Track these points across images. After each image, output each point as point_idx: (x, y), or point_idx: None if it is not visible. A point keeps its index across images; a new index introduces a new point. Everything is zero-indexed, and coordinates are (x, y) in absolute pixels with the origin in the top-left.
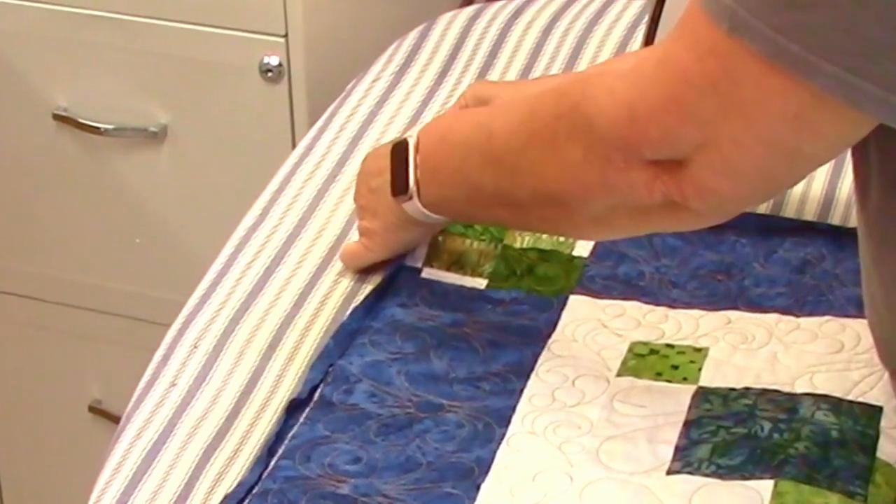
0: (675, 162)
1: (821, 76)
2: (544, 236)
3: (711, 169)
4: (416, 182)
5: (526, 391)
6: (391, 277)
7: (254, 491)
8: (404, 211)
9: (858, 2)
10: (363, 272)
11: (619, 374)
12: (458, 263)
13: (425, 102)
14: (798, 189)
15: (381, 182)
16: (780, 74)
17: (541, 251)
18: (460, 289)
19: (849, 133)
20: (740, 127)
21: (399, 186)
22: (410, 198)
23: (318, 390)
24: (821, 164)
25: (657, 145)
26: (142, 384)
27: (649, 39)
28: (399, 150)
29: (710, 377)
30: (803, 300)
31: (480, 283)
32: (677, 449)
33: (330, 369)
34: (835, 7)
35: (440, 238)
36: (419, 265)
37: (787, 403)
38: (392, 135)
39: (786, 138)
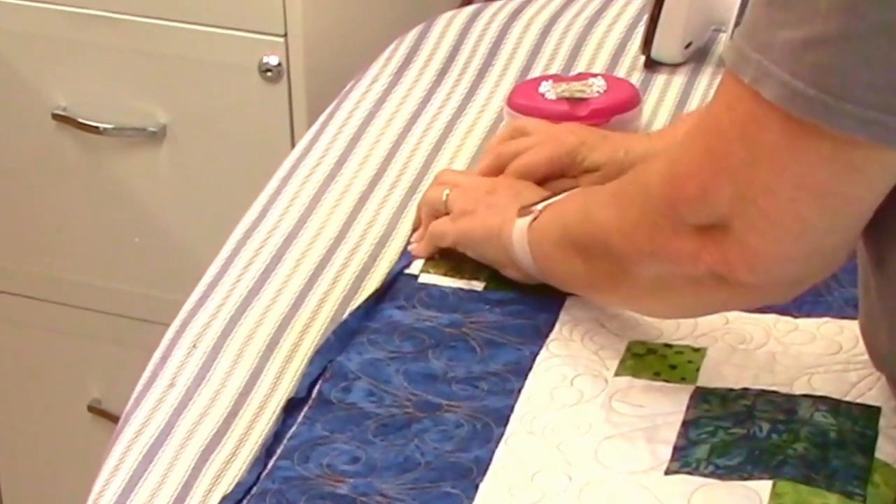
0: (720, 231)
1: (843, 118)
2: None
3: (750, 226)
4: (540, 211)
5: (524, 391)
6: (389, 283)
7: (252, 491)
8: (507, 224)
9: (876, 31)
10: (361, 274)
11: (617, 374)
12: (455, 269)
13: (424, 102)
14: None
15: (516, 191)
16: (800, 120)
17: None
18: (458, 290)
19: (890, 167)
20: (771, 173)
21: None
22: (529, 213)
23: (317, 387)
24: (870, 208)
25: (695, 203)
26: (141, 384)
27: (648, 39)
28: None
29: (709, 377)
30: (801, 301)
31: (478, 284)
32: (676, 449)
33: (329, 365)
34: (849, 40)
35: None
36: (416, 272)
37: (785, 404)
38: (391, 134)
39: (820, 181)
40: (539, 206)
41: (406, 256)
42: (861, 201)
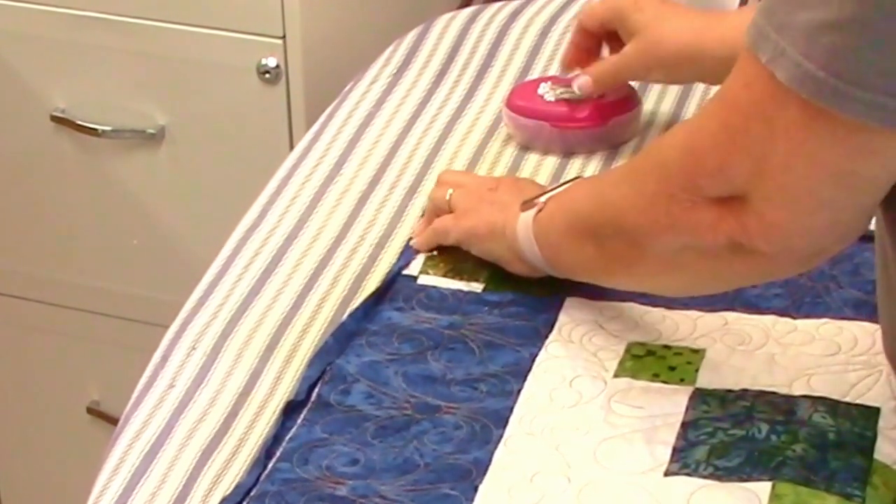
0: (738, 202)
1: (853, 102)
2: None
3: (768, 199)
4: (544, 203)
5: (523, 392)
6: (388, 285)
7: (251, 493)
8: (511, 219)
9: (891, 17)
10: (361, 275)
11: (616, 375)
12: (454, 271)
13: (423, 103)
14: None
15: (519, 188)
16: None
17: None
18: (457, 292)
19: None
20: (788, 150)
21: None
22: (533, 206)
23: (316, 390)
24: (886, 185)
25: (714, 177)
26: (140, 385)
27: None
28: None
29: (708, 379)
30: (800, 302)
31: (477, 286)
32: (675, 450)
33: (328, 368)
34: (864, 26)
35: (435, 251)
36: (415, 273)
37: (784, 405)
38: (391, 135)
39: (836, 159)
40: (542, 199)
41: (405, 257)
42: (876, 179)
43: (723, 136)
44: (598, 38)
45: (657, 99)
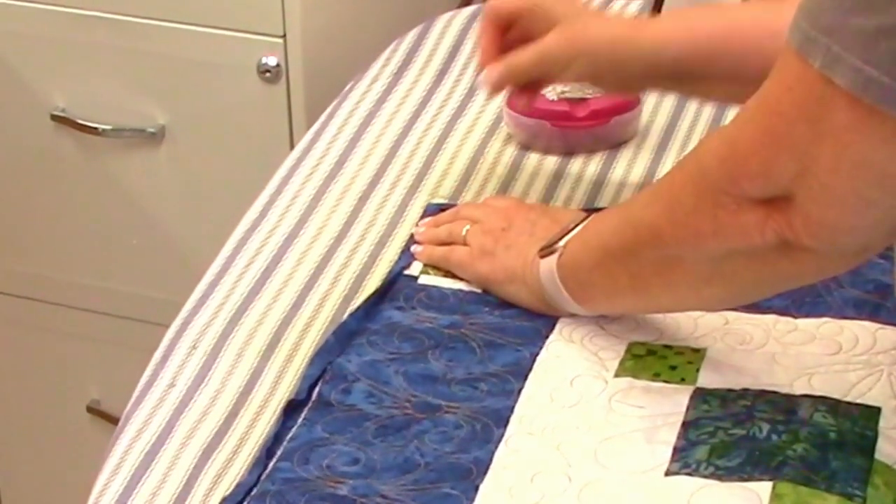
0: (784, 201)
1: None
2: None
3: (813, 199)
4: (564, 247)
5: (524, 392)
6: (389, 284)
7: (252, 493)
8: (529, 266)
9: None
10: (361, 274)
11: (616, 375)
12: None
13: (424, 103)
14: None
15: (531, 223)
16: (870, 105)
17: None
18: (457, 292)
19: None
20: (833, 152)
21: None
22: (552, 252)
23: (316, 389)
24: None
25: (758, 180)
26: (140, 385)
27: None
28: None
29: (708, 378)
30: (801, 301)
31: (478, 286)
32: (675, 450)
33: (328, 367)
34: None
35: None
36: (416, 273)
37: (785, 405)
38: (391, 134)
39: (882, 162)
40: (561, 243)
41: (406, 257)
42: None
43: (766, 139)
44: (504, 32)
45: (657, 99)
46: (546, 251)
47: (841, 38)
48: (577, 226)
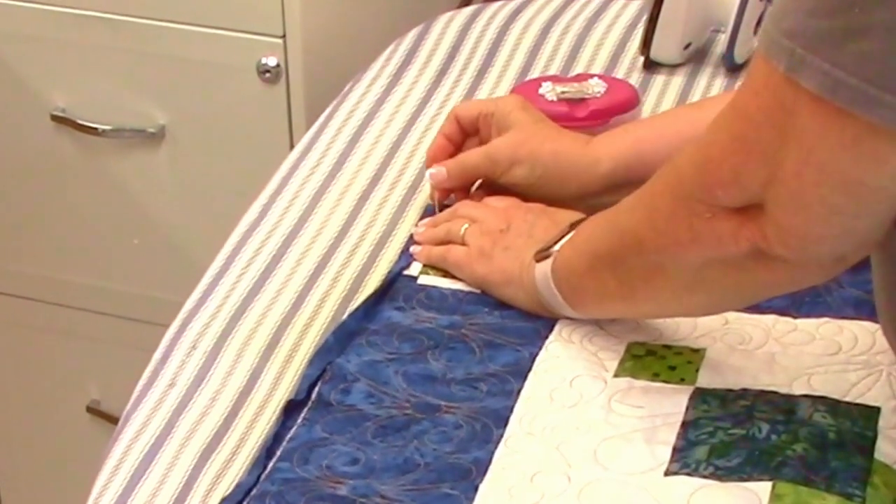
0: (756, 209)
1: (880, 107)
2: None
3: (782, 206)
4: (558, 252)
5: (523, 392)
6: (388, 284)
7: (252, 493)
8: (526, 269)
9: None
10: (361, 274)
11: (616, 375)
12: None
13: (423, 103)
14: None
15: (529, 224)
16: (837, 107)
17: None
18: (457, 292)
19: None
20: (798, 158)
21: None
22: (548, 256)
23: (316, 389)
24: (893, 198)
25: (730, 186)
26: (140, 385)
27: (647, 40)
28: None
29: (708, 378)
30: (801, 301)
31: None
32: (675, 450)
33: (328, 367)
34: (891, 31)
35: None
36: (416, 273)
37: (784, 405)
38: (391, 134)
39: (844, 168)
40: (556, 248)
41: (405, 257)
42: (885, 191)
43: (736, 145)
44: (465, 135)
45: (657, 99)
46: (541, 255)
47: (805, 41)
48: (570, 231)
